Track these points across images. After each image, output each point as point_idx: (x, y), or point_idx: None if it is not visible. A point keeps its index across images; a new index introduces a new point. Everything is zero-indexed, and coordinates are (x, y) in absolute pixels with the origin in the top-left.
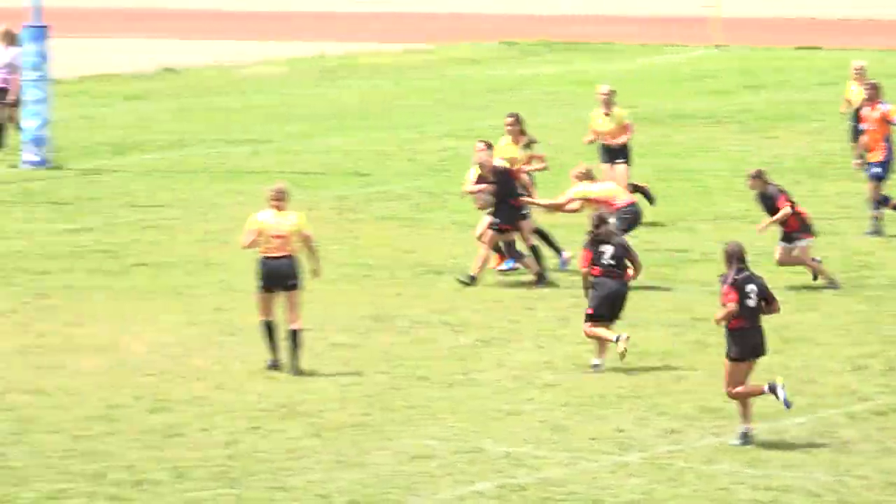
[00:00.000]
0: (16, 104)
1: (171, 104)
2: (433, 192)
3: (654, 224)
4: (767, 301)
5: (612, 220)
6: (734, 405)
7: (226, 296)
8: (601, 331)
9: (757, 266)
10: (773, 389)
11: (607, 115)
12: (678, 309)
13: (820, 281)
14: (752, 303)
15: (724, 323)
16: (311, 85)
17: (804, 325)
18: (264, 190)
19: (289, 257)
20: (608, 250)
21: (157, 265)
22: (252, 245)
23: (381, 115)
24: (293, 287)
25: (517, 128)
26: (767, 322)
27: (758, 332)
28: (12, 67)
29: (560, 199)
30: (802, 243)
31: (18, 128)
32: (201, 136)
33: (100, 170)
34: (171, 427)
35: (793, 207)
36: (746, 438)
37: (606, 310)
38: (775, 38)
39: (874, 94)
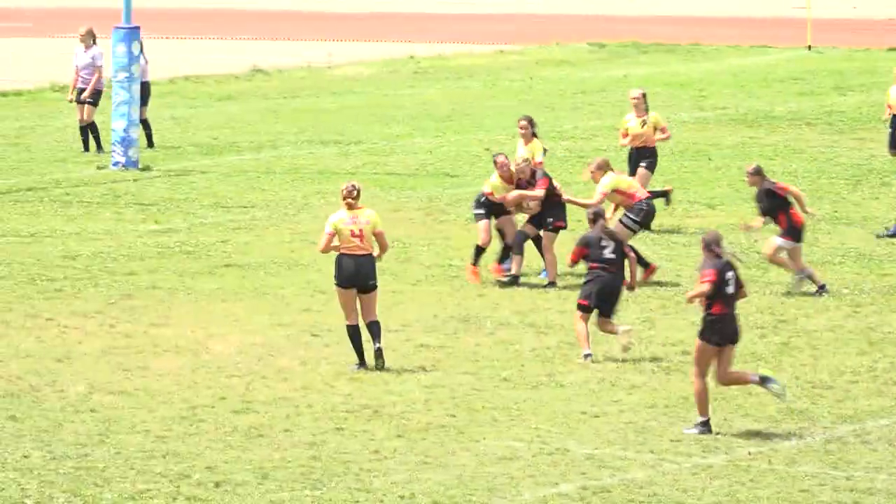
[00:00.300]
0: (91, 103)
1: (260, 105)
2: None
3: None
4: (739, 287)
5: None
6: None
7: (313, 297)
8: (581, 328)
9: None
10: (764, 381)
11: (640, 118)
12: (764, 310)
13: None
14: (730, 290)
15: (696, 301)
16: (402, 86)
17: (891, 326)
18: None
19: (368, 256)
20: (610, 245)
21: (244, 266)
22: (329, 249)
23: (471, 117)
24: (373, 288)
25: (530, 130)
26: (855, 325)
27: (734, 319)
28: (93, 67)
29: (595, 198)
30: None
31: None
32: (291, 137)
33: (188, 171)
34: (254, 428)
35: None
36: (705, 428)
37: (599, 302)
38: (866, 39)
39: None
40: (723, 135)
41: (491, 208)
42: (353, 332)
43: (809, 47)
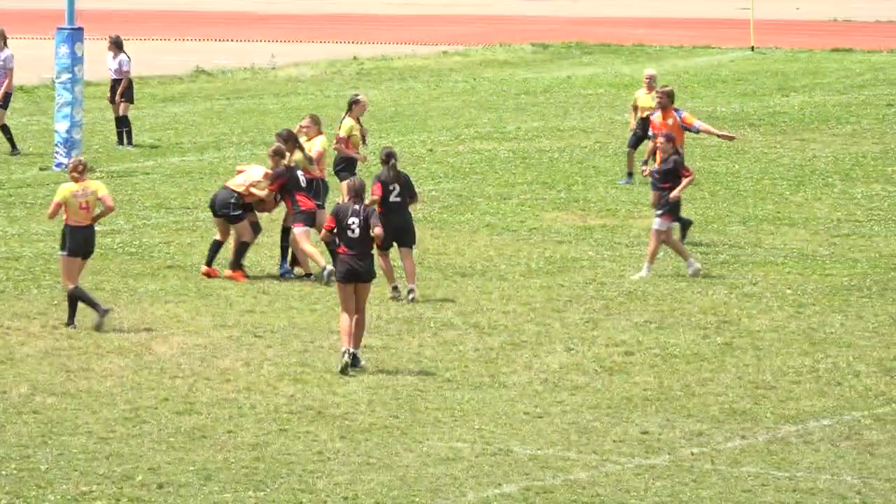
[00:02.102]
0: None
1: (204, 106)
2: (463, 194)
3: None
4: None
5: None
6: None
7: (256, 298)
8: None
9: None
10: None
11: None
12: (705, 311)
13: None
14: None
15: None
16: (345, 87)
17: (833, 327)
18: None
19: (92, 226)
20: (396, 188)
21: (187, 268)
22: (55, 215)
23: (415, 118)
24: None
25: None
26: (798, 325)
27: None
28: (3, 70)
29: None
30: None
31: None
32: (234, 138)
33: (131, 172)
34: (197, 429)
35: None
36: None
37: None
38: (809, 41)
39: None
40: None
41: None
42: (75, 293)
43: (753, 48)
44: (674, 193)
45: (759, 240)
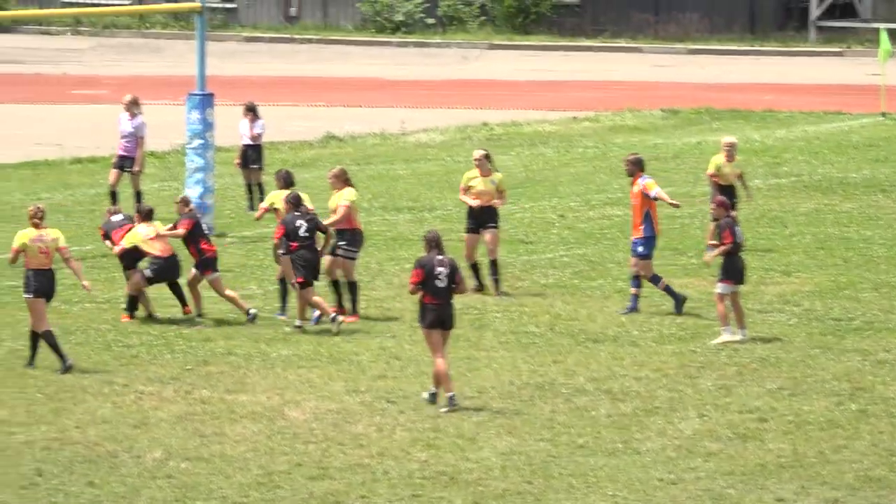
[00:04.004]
0: (136, 172)
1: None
2: (594, 260)
3: (816, 292)
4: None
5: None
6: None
7: (388, 364)
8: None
9: None
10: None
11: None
12: (839, 377)
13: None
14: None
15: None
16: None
17: None
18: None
19: (52, 270)
20: (304, 225)
21: (319, 333)
22: (16, 261)
23: (545, 183)
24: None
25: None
26: None
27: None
28: (136, 137)
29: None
30: None
31: (137, 196)
32: (365, 203)
33: (263, 237)
34: (331, 495)
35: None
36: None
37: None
38: None
39: None
40: (797, 201)
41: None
42: (51, 338)
43: (884, 114)
44: (707, 257)
45: (893, 306)
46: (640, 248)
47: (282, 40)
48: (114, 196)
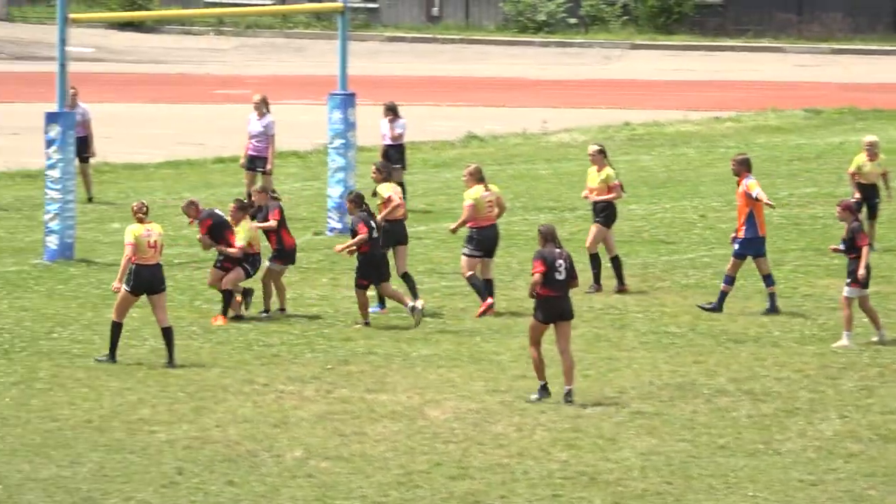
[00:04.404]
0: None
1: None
2: None
3: None
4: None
5: None
6: None
7: (528, 363)
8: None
9: None
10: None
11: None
12: None
13: None
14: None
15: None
16: (616, 152)
17: None
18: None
19: (160, 265)
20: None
21: (459, 332)
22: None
23: (687, 184)
24: (163, 289)
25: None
26: None
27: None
28: (266, 136)
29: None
30: None
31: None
32: (507, 203)
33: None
34: (471, 494)
35: None
36: (545, 392)
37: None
38: None
39: None
40: None
41: None
42: (117, 330)
43: None
44: (861, 272)
45: None
46: (737, 247)
47: (424, 40)
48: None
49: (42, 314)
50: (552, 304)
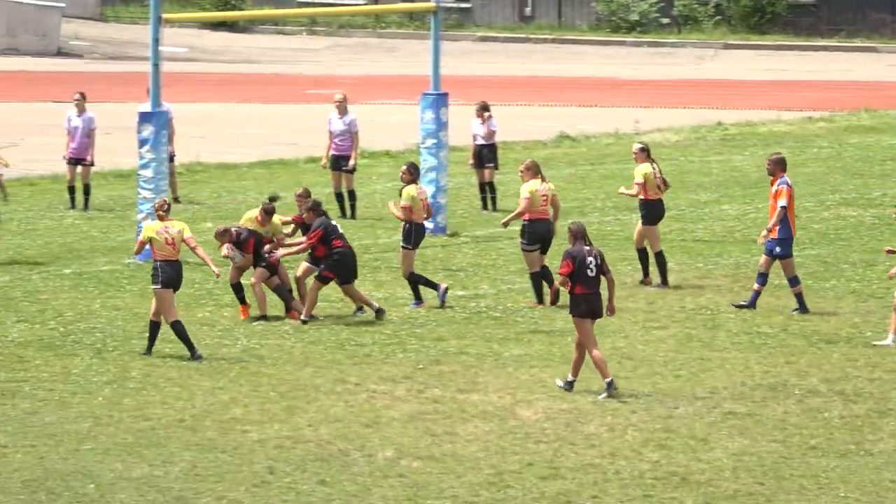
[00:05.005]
0: (350, 171)
1: (567, 172)
2: (828, 260)
3: None
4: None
5: None
6: None
7: (620, 363)
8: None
9: None
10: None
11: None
12: None
13: None
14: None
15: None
16: (709, 152)
17: None
18: None
19: (179, 262)
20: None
21: (550, 332)
22: (141, 251)
23: None
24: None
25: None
26: None
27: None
28: (349, 134)
29: None
30: None
31: (351, 194)
32: (598, 203)
33: (495, 237)
34: (562, 494)
35: None
36: (570, 386)
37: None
38: None
39: None
40: None
41: None
42: (180, 327)
43: None
44: None
45: None
46: (778, 249)
47: (516, 40)
48: (340, 198)
49: (135, 314)
50: (587, 301)
